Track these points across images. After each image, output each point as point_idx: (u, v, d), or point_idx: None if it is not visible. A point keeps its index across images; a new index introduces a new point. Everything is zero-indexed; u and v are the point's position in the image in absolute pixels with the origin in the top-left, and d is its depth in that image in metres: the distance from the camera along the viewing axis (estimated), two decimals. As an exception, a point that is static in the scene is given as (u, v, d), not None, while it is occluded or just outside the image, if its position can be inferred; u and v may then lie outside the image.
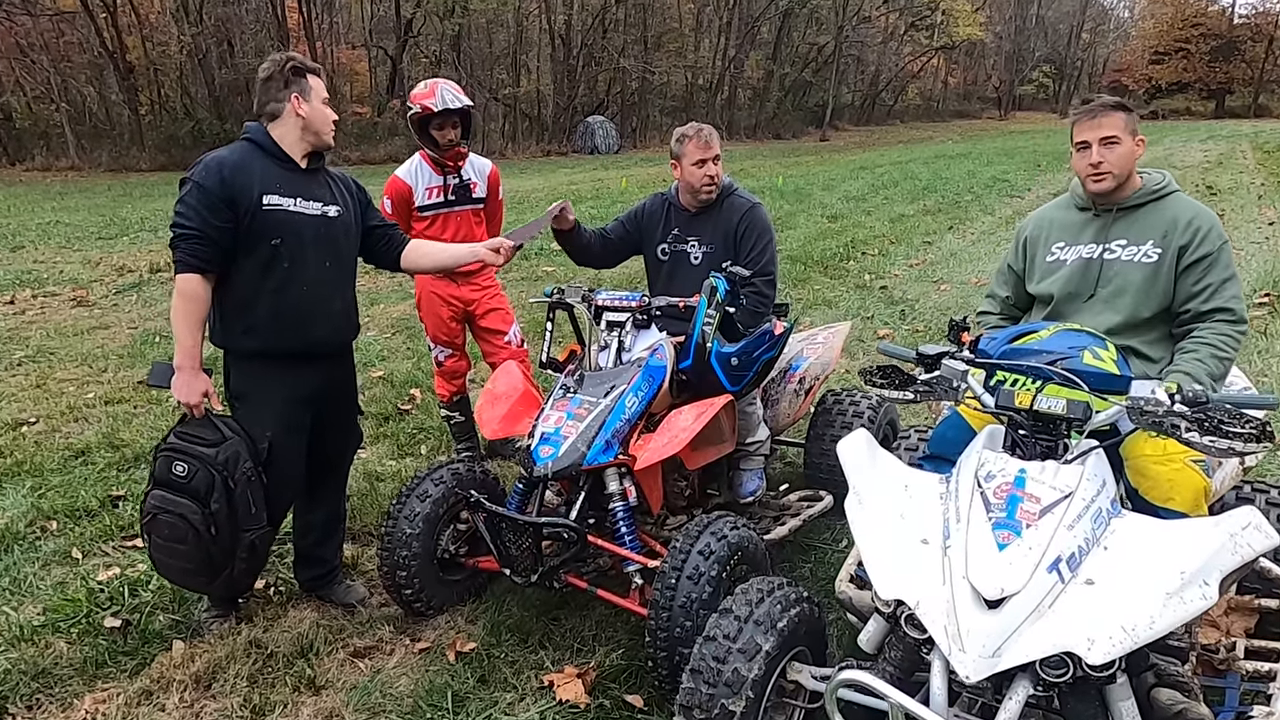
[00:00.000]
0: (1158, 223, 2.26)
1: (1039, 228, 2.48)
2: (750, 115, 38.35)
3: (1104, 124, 2.23)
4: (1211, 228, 2.22)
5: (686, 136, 2.94)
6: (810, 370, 3.11)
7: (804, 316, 6.16)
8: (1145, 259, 2.25)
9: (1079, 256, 2.34)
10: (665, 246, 3.07)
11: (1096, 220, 2.36)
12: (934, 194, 13.84)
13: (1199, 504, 1.90)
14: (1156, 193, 2.30)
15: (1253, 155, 19.29)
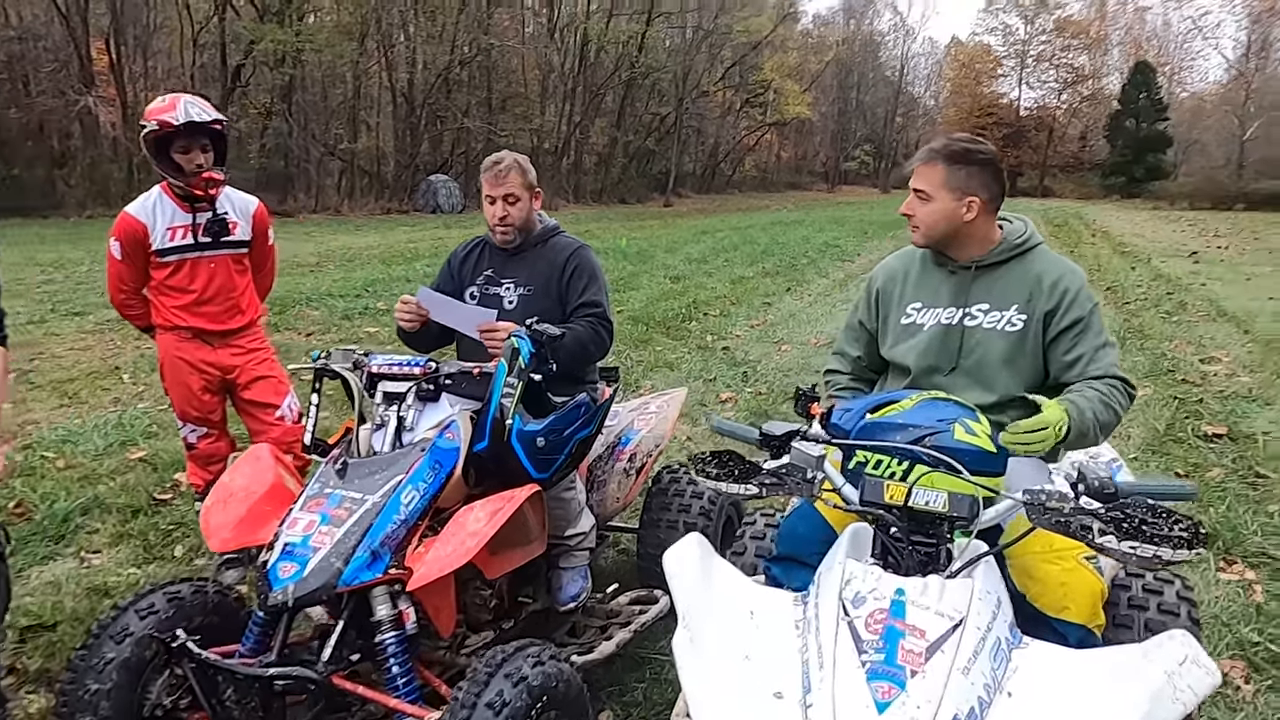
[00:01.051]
0: (1020, 283, 1.93)
1: (891, 280, 2.12)
2: (596, 180, 38.85)
3: (919, 174, 1.93)
4: (1080, 289, 1.91)
5: (484, 168, 2.50)
6: (642, 445, 2.66)
7: (645, 379, 5.80)
8: (1009, 327, 1.91)
9: (937, 322, 1.98)
10: (475, 289, 2.58)
11: (954, 279, 1.99)
12: (772, 257, 14.16)
13: (1096, 612, 1.58)
14: (1019, 247, 1.95)
15: (1045, 228, 21.33)
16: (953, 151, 1.87)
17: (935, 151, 1.90)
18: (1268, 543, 3.12)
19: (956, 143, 1.90)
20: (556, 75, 36.88)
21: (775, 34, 43.26)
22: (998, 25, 60.18)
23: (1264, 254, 14.77)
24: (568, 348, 2.36)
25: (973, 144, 1.90)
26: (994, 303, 1.93)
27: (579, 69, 36.26)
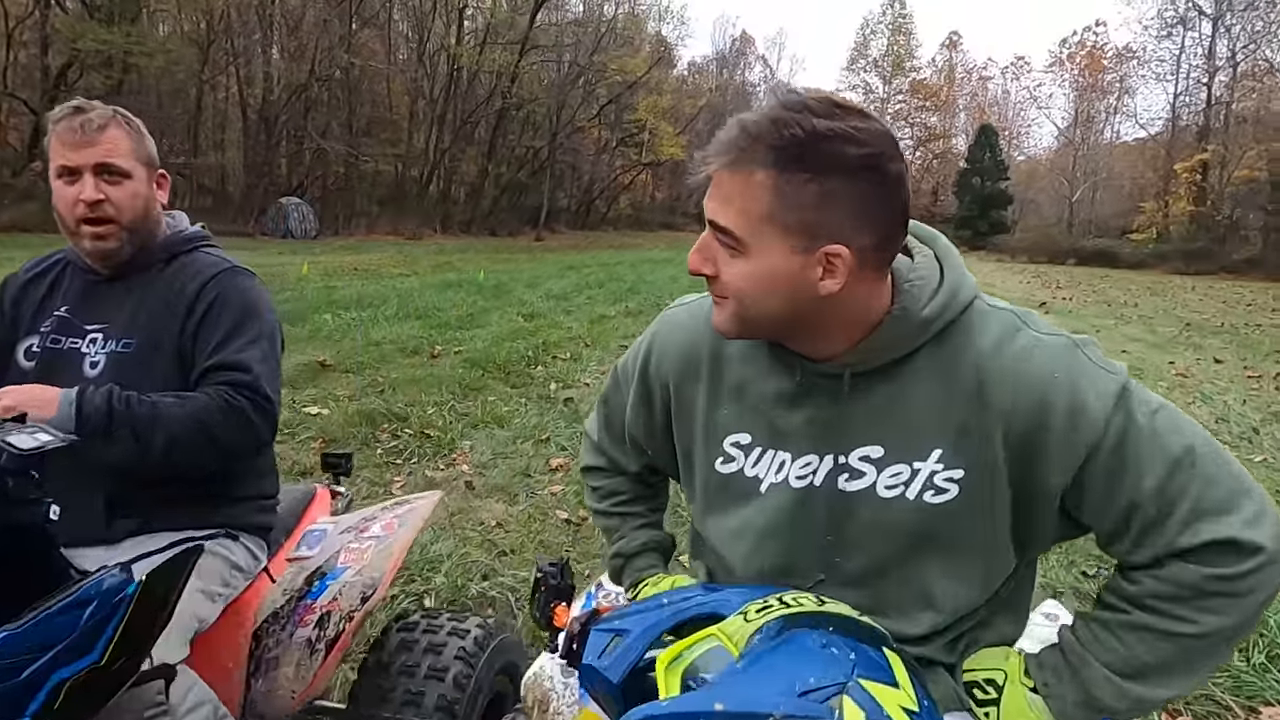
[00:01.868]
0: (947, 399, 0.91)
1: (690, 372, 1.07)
2: (466, 211, 37.55)
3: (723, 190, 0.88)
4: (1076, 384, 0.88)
5: (53, 118, 1.45)
6: (343, 597, 1.64)
7: (463, 440, 4.76)
8: (931, 494, 0.92)
9: (785, 480, 0.99)
10: (35, 343, 1.50)
11: (814, 397, 0.97)
12: (637, 295, 13.47)
13: None
14: (932, 325, 0.91)
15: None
16: (790, 140, 0.82)
17: (755, 139, 0.84)
18: (1211, 680, 2.45)
19: (797, 119, 0.82)
20: (425, 101, 35.51)
21: (650, 76, 43.64)
22: (859, 83, 63.54)
23: (1103, 306, 15.41)
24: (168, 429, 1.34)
25: (836, 122, 0.83)
26: (895, 445, 0.93)
27: (449, 96, 35.04)
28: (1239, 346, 10.08)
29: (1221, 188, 37.60)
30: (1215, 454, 0.87)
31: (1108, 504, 0.88)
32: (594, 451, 1.29)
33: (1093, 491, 0.88)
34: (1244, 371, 8.15)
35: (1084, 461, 0.87)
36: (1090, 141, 54.94)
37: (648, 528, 1.24)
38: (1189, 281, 26.52)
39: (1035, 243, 42.25)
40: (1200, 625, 0.85)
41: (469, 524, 3.47)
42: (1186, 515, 0.85)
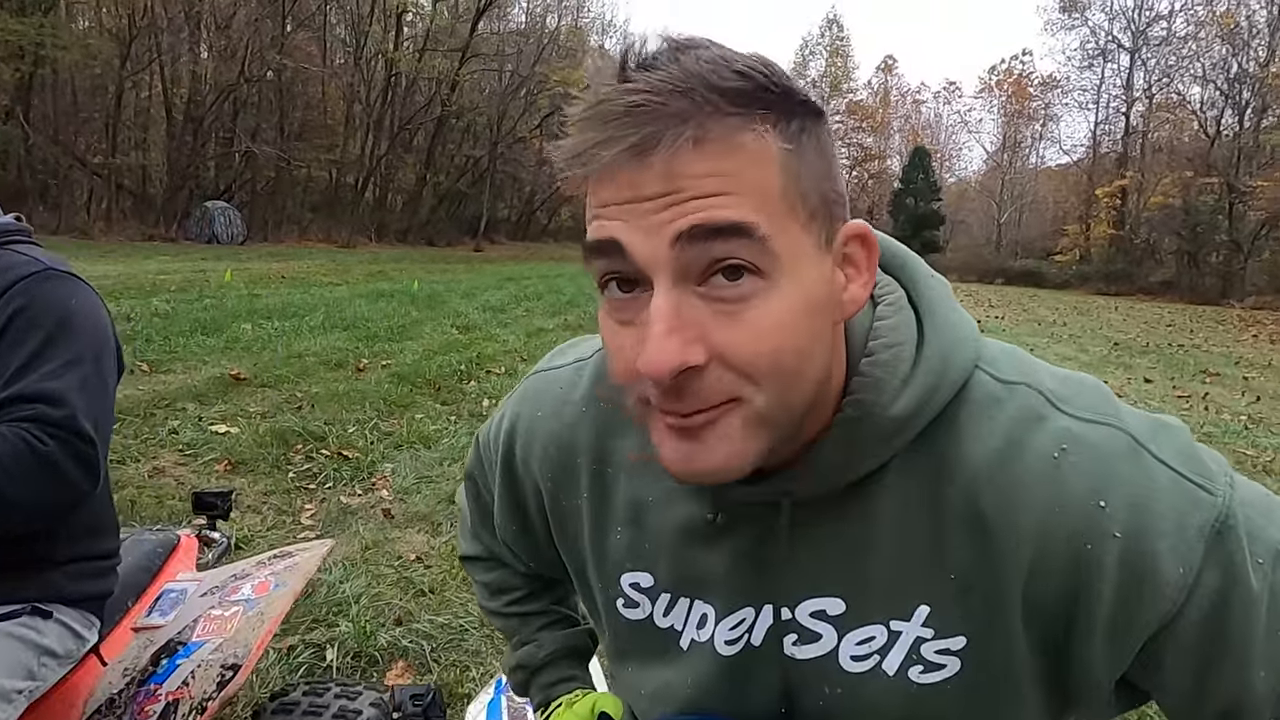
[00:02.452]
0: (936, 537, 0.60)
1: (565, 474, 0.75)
2: (402, 219, 36.73)
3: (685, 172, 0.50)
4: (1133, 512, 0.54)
5: None
6: (199, 680, 1.31)
7: (384, 464, 4.42)
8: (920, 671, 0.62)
9: (710, 644, 0.69)
10: None
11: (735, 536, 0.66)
12: (577, 309, 13.21)
13: None
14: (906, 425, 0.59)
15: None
16: (765, 81, 0.51)
17: (721, 94, 0.50)
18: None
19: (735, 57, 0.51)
20: (362, 106, 34.66)
21: (592, 88, 43.49)
22: (798, 102, 64.61)
23: (1034, 325, 15.76)
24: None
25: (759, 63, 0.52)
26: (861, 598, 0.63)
27: (386, 101, 34.29)
28: (1166, 366, 10.34)
29: (1138, 213, 39.28)
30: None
31: (1198, 701, 0.58)
32: (470, 539, 0.97)
33: (1173, 678, 0.58)
34: (1173, 391, 8.31)
35: (1151, 640, 0.56)
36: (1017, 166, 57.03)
37: (555, 626, 0.94)
38: (1111, 302, 27.50)
39: (966, 262, 43.43)
40: None
41: (384, 559, 3.15)
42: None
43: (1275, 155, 31.33)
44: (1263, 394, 8.37)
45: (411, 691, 0.80)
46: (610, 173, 0.51)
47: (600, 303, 0.57)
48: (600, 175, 0.51)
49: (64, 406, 1.13)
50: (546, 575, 0.92)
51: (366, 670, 2.37)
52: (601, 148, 0.50)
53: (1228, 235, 32.64)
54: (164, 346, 6.94)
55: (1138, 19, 43.06)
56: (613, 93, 0.50)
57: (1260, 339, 15.59)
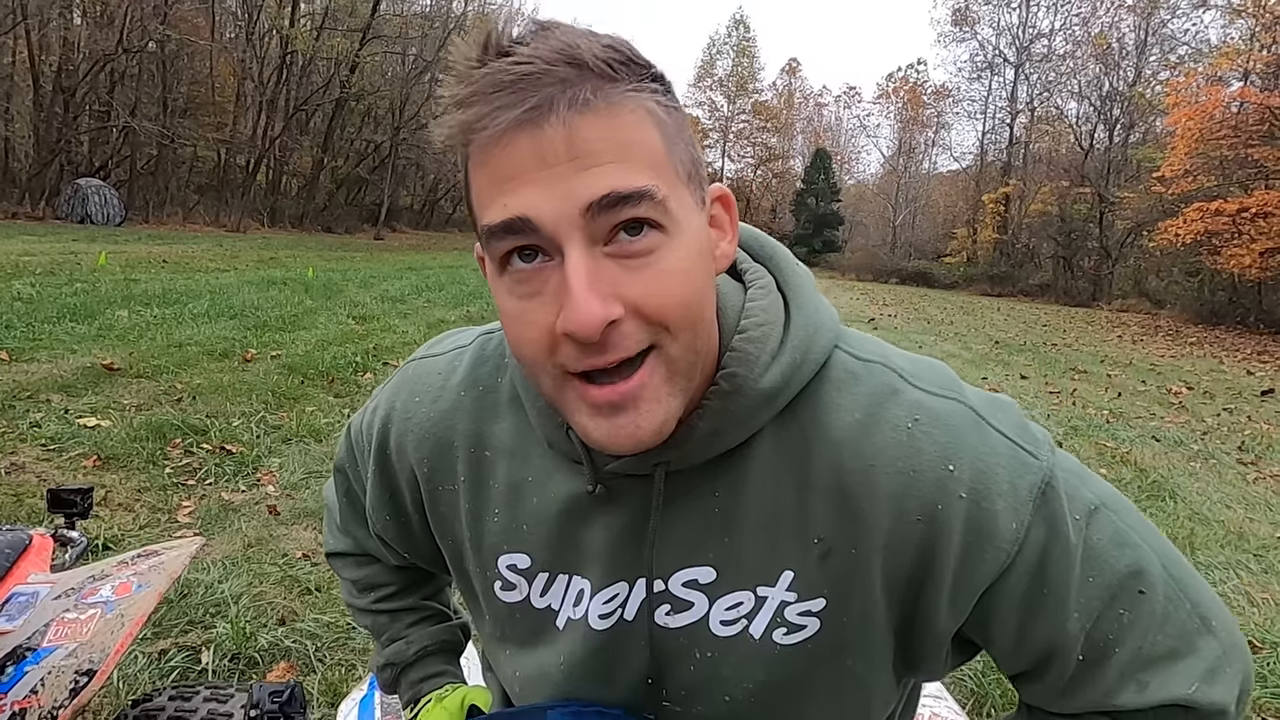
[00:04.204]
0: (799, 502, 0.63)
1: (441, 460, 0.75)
2: (298, 204, 35.28)
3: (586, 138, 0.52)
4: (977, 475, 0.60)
5: None
6: (50, 687, 1.23)
7: (274, 456, 4.24)
8: (783, 633, 0.65)
9: (584, 619, 0.71)
10: None
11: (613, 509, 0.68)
12: (480, 300, 13.01)
13: None
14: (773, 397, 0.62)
15: (746, 288, 22.57)
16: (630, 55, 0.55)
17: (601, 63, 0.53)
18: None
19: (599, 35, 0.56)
20: (254, 84, 33.03)
21: (500, 76, 42.80)
22: (705, 100, 65.48)
23: (924, 324, 16.52)
24: None
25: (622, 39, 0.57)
26: (732, 566, 0.66)
27: (281, 80, 32.79)
28: (1040, 364, 11.02)
29: (1020, 219, 41.63)
30: (1169, 574, 0.63)
31: (1021, 644, 0.64)
32: (338, 534, 0.94)
33: (1000, 626, 0.64)
34: (1046, 388, 8.87)
35: (987, 591, 0.62)
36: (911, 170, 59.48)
37: (425, 623, 0.93)
38: (994, 303, 29.09)
39: (862, 262, 45.09)
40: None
41: (268, 557, 3.03)
42: (1127, 664, 0.62)
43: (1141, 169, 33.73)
44: (1124, 390, 9.04)
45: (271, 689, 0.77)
46: (510, 141, 0.52)
47: (497, 284, 0.57)
48: (499, 149, 0.52)
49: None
50: (417, 569, 0.92)
51: (245, 673, 2.27)
52: (499, 113, 0.51)
53: (1098, 242, 35.01)
54: (26, 334, 6.45)
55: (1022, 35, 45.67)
56: (499, 65, 0.52)
57: (1124, 339, 16.82)
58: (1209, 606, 0.64)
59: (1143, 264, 32.31)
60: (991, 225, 44.14)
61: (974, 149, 52.34)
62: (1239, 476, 5.42)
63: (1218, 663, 0.63)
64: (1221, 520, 4.40)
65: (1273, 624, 3.10)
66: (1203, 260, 21.88)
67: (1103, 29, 39.77)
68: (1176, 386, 9.56)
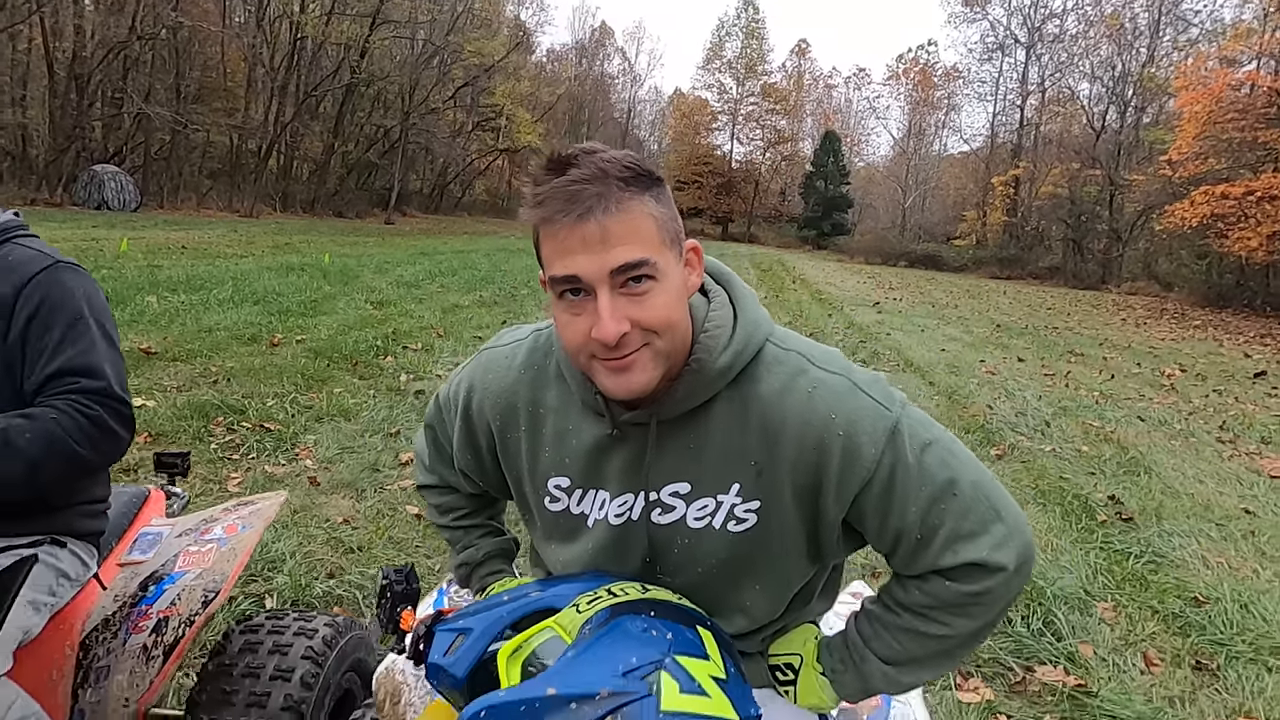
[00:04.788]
0: (742, 441, 0.99)
1: (510, 418, 1.11)
2: (309, 189, 35.56)
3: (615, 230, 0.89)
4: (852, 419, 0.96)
5: None
6: (183, 601, 1.60)
7: (307, 434, 4.60)
8: (734, 524, 1.01)
9: (605, 518, 1.07)
10: None
11: (627, 440, 1.03)
12: (492, 285, 13.31)
13: None
14: (727, 373, 0.99)
15: (754, 272, 22.79)
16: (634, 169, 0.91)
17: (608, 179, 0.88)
18: (998, 645, 2.80)
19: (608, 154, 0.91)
20: (265, 70, 33.26)
21: (508, 60, 42.87)
22: (714, 82, 65.32)
23: (928, 307, 16.74)
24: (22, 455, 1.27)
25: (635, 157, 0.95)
26: (700, 483, 1.01)
27: (292, 66, 33.00)
28: (1039, 347, 11.28)
29: (1030, 201, 41.52)
30: (975, 484, 0.96)
31: (881, 530, 0.99)
32: (427, 472, 1.32)
33: (868, 519, 0.98)
34: (1041, 370, 9.14)
35: (857, 495, 0.96)
36: (921, 152, 59.18)
37: (489, 536, 1.30)
38: (1002, 286, 29.21)
39: (871, 245, 45.10)
40: (954, 629, 1.00)
41: (313, 521, 3.38)
42: (945, 540, 0.95)
43: (1153, 150, 33.62)
44: (1118, 373, 9.30)
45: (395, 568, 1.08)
46: (568, 233, 0.89)
47: (556, 304, 0.94)
48: (561, 235, 0.89)
49: (100, 378, 1.38)
50: (484, 497, 1.28)
51: (304, 616, 2.62)
52: (560, 216, 0.88)
53: (1108, 225, 34.96)
54: (67, 319, 6.81)
55: (1033, 16, 45.36)
56: (560, 181, 0.88)
57: (1128, 322, 17.02)
58: (1001, 504, 0.97)
59: (1153, 247, 32.27)
60: (1001, 208, 44.04)
61: (984, 131, 52.14)
62: (1215, 454, 5.71)
63: (1004, 539, 0.96)
64: (1191, 493, 4.70)
65: (1220, 584, 3.41)
66: (1210, 243, 21.95)
67: (1116, 9, 39.47)
68: (1170, 369, 9.81)
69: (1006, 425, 6.12)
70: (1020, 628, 2.90)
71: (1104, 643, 2.90)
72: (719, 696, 0.78)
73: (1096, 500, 4.45)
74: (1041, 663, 2.72)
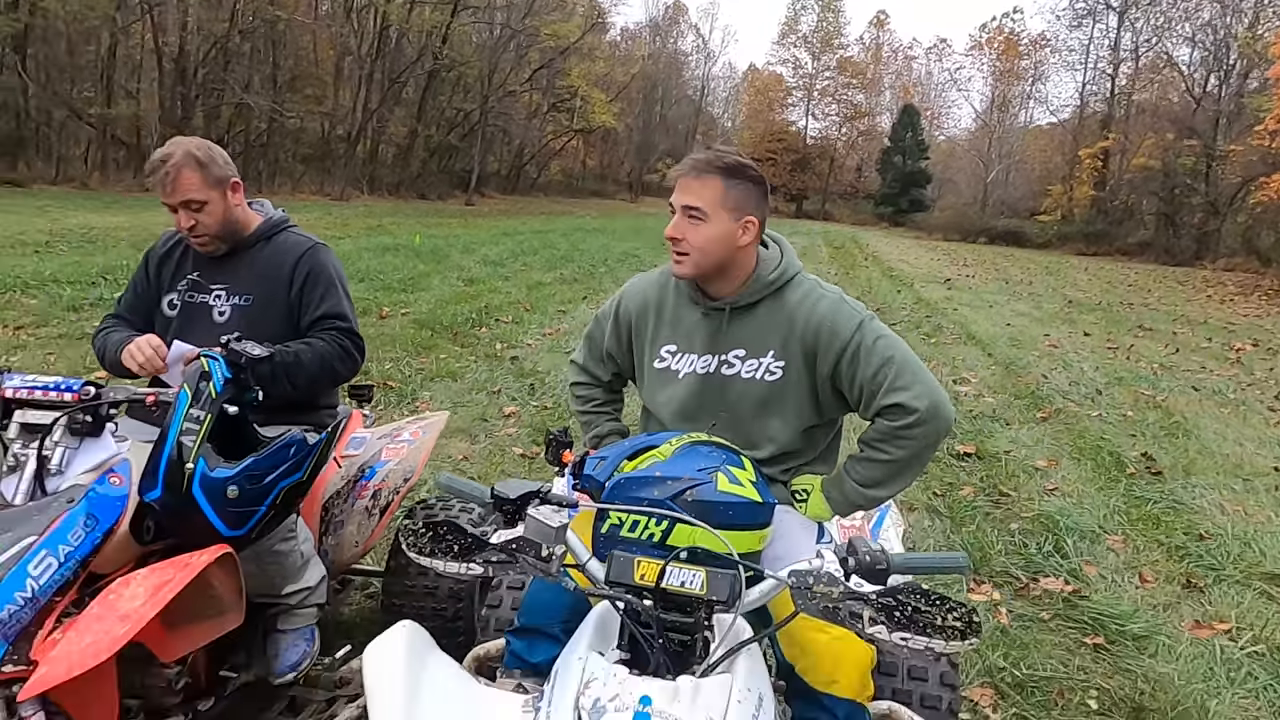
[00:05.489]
0: (775, 326, 1.67)
1: (644, 312, 1.82)
2: (394, 172, 37.04)
3: (690, 189, 1.61)
4: (834, 317, 1.63)
5: (147, 170, 2.04)
6: (389, 479, 2.29)
7: (424, 390, 5.36)
8: (768, 376, 1.66)
9: (693, 371, 1.72)
10: (175, 298, 2.11)
11: (708, 321, 1.71)
12: (571, 264, 14.02)
13: (865, 682, 1.46)
14: (773, 284, 1.67)
15: (826, 250, 22.96)
16: (729, 164, 1.60)
17: (710, 164, 1.60)
18: (1010, 561, 3.31)
19: (730, 155, 1.64)
20: (353, 58, 34.74)
21: (583, 41, 43.47)
22: (789, 58, 64.61)
23: (1001, 284, 16.73)
24: (305, 368, 1.98)
25: (745, 159, 1.67)
26: (751, 348, 1.68)
27: (377, 54, 34.37)
28: (1108, 322, 11.35)
29: (1120, 174, 39.93)
30: (906, 361, 1.62)
31: (851, 384, 1.65)
32: (578, 370, 2.02)
33: (843, 376, 1.65)
34: (1105, 343, 9.32)
35: (836, 361, 1.64)
36: (1005, 125, 57.26)
37: (613, 420, 2.00)
38: (1085, 262, 28.49)
39: (950, 221, 44.17)
40: (894, 455, 1.63)
41: (439, 458, 4.10)
42: (885, 390, 1.61)
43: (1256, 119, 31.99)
44: (1183, 347, 9.39)
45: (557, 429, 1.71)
46: (680, 181, 1.65)
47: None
48: (678, 181, 1.65)
49: (347, 320, 2.10)
50: (614, 388, 1.97)
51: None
52: (679, 173, 1.66)
53: (1204, 197, 33.47)
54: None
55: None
56: (689, 158, 1.66)
57: (1213, 299, 16.64)
58: (921, 375, 1.61)
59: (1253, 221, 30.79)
60: (1089, 181, 42.41)
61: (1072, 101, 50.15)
62: (1263, 421, 5.96)
63: (920, 393, 1.59)
64: (1226, 454, 5.02)
65: (1229, 526, 3.81)
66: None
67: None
68: (1241, 344, 9.82)
69: (1057, 392, 6.46)
70: (1031, 550, 3.40)
71: (1107, 565, 3.37)
72: (750, 488, 1.37)
73: (1130, 457, 4.84)
74: (1046, 575, 3.21)
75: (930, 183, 57.15)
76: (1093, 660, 2.70)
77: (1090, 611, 2.95)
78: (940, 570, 1.23)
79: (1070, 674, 2.61)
